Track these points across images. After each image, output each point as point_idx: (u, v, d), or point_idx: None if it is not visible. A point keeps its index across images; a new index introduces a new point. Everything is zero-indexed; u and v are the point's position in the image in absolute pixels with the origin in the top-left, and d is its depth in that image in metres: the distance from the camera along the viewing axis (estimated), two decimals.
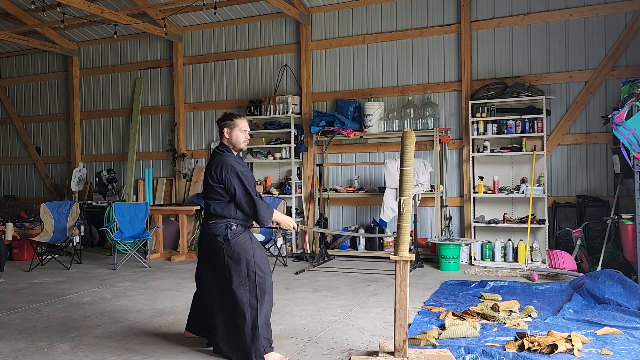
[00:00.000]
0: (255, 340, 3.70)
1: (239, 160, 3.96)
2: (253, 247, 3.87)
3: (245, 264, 3.79)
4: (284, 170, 8.79)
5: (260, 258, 3.85)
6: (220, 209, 3.89)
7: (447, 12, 7.80)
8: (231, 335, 3.82)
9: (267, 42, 8.99)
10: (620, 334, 4.10)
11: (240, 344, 3.77)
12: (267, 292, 3.80)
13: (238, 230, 3.88)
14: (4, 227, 8.38)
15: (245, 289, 3.76)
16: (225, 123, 3.98)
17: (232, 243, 3.82)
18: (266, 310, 3.79)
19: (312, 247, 8.40)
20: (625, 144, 5.38)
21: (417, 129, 7.67)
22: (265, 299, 3.79)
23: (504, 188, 7.35)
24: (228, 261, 3.82)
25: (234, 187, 3.82)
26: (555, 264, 6.44)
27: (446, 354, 3.64)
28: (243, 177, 3.84)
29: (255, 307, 3.74)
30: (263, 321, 3.75)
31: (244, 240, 3.86)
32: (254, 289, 3.76)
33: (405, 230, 3.62)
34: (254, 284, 3.77)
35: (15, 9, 9.47)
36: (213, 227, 3.89)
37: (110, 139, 10.43)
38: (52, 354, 4.03)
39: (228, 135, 3.97)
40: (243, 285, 3.77)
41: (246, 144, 4.05)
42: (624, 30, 6.95)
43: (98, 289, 6.26)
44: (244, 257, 3.80)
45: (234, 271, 3.79)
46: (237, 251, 3.81)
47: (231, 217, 3.88)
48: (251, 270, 3.79)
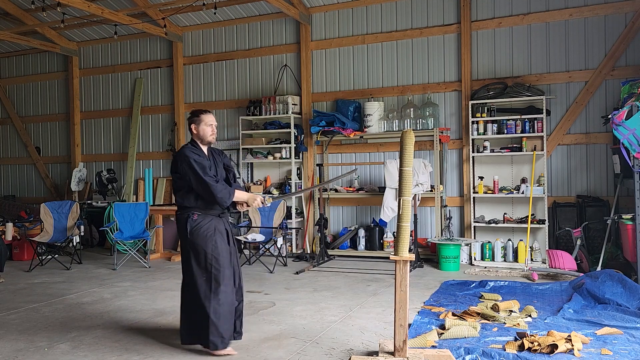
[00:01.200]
0: (209, 331, 3.84)
1: (195, 150, 4.09)
2: (215, 238, 3.98)
3: (203, 255, 3.94)
4: (284, 170, 8.79)
5: (219, 250, 3.96)
6: (181, 199, 4.08)
7: (447, 12, 7.80)
8: (191, 324, 3.97)
9: (267, 42, 8.99)
10: (620, 334, 4.10)
11: (197, 333, 3.92)
12: (222, 284, 3.91)
13: (199, 219, 4.00)
14: (4, 227, 8.38)
15: (202, 280, 3.91)
16: (191, 119, 4.16)
17: (192, 233, 3.97)
18: (223, 302, 3.89)
19: (312, 247, 8.40)
20: (625, 144, 5.38)
21: (417, 129, 7.67)
22: (221, 291, 3.89)
23: (504, 188, 7.35)
24: (189, 251, 3.98)
25: (188, 175, 3.98)
26: (555, 264, 6.44)
27: (446, 354, 3.64)
28: (195, 164, 3.97)
29: (209, 298, 3.87)
30: (219, 313, 3.86)
31: (205, 231, 3.98)
32: (210, 281, 3.90)
33: (405, 230, 3.63)
34: (210, 275, 3.91)
35: (15, 9, 9.47)
36: (178, 218, 4.08)
37: (110, 139, 10.43)
38: (52, 354, 4.03)
39: (195, 131, 4.14)
40: (200, 275, 3.92)
41: (213, 137, 4.18)
42: (624, 30, 6.95)
43: (98, 289, 6.26)
44: (203, 248, 3.95)
45: (194, 261, 3.96)
46: (197, 242, 3.96)
47: (192, 207, 4.03)
48: (208, 262, 3.93)
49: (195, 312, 3.93)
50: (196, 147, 4.13)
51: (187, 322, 4.03)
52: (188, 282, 4.01)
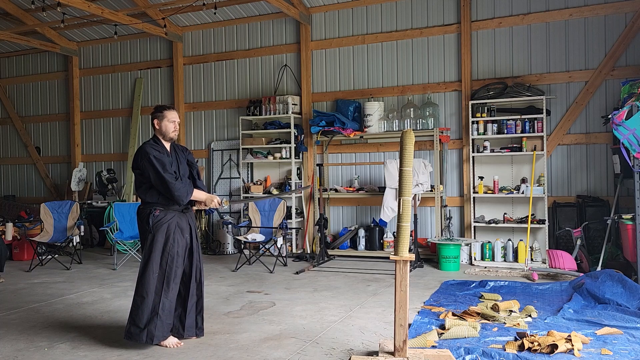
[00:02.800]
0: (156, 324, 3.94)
1: (156, 147, 4.14)
2: (175, 236, 4.06)
3: (160, 252, 4.02)
4: (284, 170, 8.79)
5: (175, 249, 4.05)
6: (143, 195, 4.14)
7: (447, 12, 7.81)
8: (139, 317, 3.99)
9: (267, 42, 8.99)
10: (620, 334, 4.10)
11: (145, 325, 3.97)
12: (173, 282, 4.02)
13: (161, 215, 4.06)
14: (4, 227, 8.38)
15: (155, 275, 3.99)
16: (155, 115, 4.24)
17: (153, 228, 4.04)
18: (170, 299, 4.01)
19: (312, 247, 8.40)
20: (625, 144, 5.38)
21: (417, 129, 7.67)
22: (171, 288, 4.01)
23: (504, 188, 7.35)
24: (148, 245, 4.05)
25: (147, 171, 4.04)
26: (555, 264, 6.44)
27: (446, 354, 3.64)
28: (155, 161, 4.02)
29: (159, 295, 3.98)
30: (166, 307, 3.98)
31: (165, 228, 4.05)
32: (162, 278, 4.00)
33: (405, 230, 3.63)
34: (163, 273, 4.01)
35: (15, 9, 9.47)
36: (140, 212, 4.14)
37: (110, 139, 10.43)
38: (52, 354, 4.03)
39: (158, 126, 4.19)
40: (155, 271, 4.00)
41: (175, 133, 4.24)
42: (624, 30, 6.95)
43: (98, 289, 6.26)
44: (161, 245, 4.03)
45: (151, 256, 4.02)
46: (155, 238, 4.03)
47: (154, 203, 4.09)
48: (164, 260, 4.02)
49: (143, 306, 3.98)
50: (158, 143, 4.18)
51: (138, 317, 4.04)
52: (141, 277, 4.04)
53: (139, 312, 3.99)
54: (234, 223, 8.45)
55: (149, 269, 4.01)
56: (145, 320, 3.97)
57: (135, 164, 4.14)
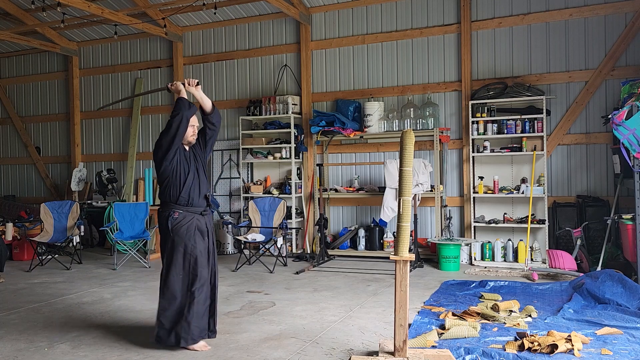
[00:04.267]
0: (183, 327, 3.90)
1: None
2: (195, 237, 4.04)
3: (182, 254, 4.00)
4: (284, 170, 8.79)
5: (197, 250, 4.02)
6: (162, 194, 4.13)
7: (447, 12, 7.80)
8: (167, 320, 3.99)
9: (267, 42, 8.99)
10: (620, 334, 4.10)
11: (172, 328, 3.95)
12: (198, 283, 3.98)
13: (180, 218, 4.05)
14: (4, 227, 8.38)
15: (179, 278, 3.97)
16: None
17: (172, 231, 4.03)
18: (198, 300, 3.96)
19: (312, 247, 8.40)
20: (625, 144, 5.38)
21: (417, 129, 7.67)
22: (197, 289, 3.95)
23: (504, 188, 7.35)
24: (169, 248, 4.03)
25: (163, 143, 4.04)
26: (555, 264, 6.44)
27: (446, 354, 3.64)
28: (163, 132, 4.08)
29: (185, 297, 3.95)
30: (193, 310, 3.93)
31: (185, 230, 4.03)
32: (187, 280, 3.98)
33: (405, 230, 3.63)
34: (188, 275, 3.98)
35: (15, 9, 9.47)
36: (159, 215, 4.14)
37: (110, 139, 10.43)
38: (52, 354, 4.03)
39: None
40: (177, 273, 3.98)
41: (194, 137, 4.28)
42: (624, 30, 6.95)
43: (98, 289, 6.26)
44: (182, 247, 4.00)
45: (173, 259, 4.00)
46: (176, 240, 4.01)
47: (172, 203, 4.07)
48: (186, 261, 4.00)
49: (170, 310, 3.99)
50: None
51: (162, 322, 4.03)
52: (167, 280, 4.03)
53: (166, 314, 3.98)
54: (234, 223, 8.45)
55: (172, 271, 3.99)
56: (172, 322, 3.96)
57: (154, 160, 4.15)
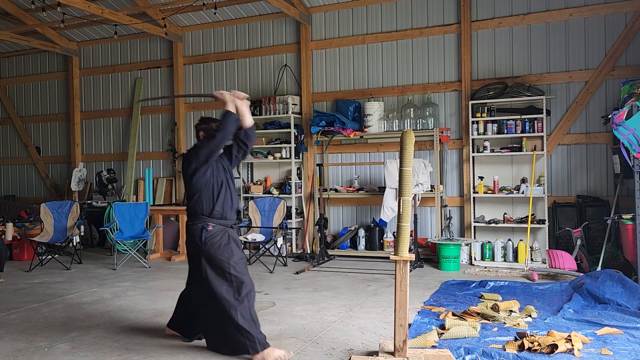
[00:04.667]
0: (247, 336, 3.80)
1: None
2: (230, 247, 3.96)
3: (221, 264, 3.89)
4: (284, 170, 8.79)
5: (236, 258, 3.94)
6: (193, 207, 4.03)
7: (447, 12, 7.80)
8: (223, 334, 3.90)
9: (267, 42, 8.99)
10: (620, 334, 4.10)
11: (234, 342, 3.85)
12: (245, 290, 3.89)
13: (214, 231, 3.95)
14: (4, 227, 8.38)
15: (223, 289, 3.87)
16: (201, 127, 4.17)
17: (207, 244, 3.92)
18: (247, 307, 3.88)
19: (312, 247, 8.40)
20: (625, 144, 5.38)
21: (417, 129, 7.67)
22: (243, 297, 3.87)
23: (504, 188, 7.35)
24: (205, 262, 3.92)
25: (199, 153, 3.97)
26: (555, 264, 6.44)
27: (446, 354, 3.64)
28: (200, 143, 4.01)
29: (234, 306, 3.83)
30: (248, 318, 3.85)
31: (220, 241, 3.94)
32: (231, 288, 3.87)
33: (405, 230, 3.63)
34: (231, 284, 3.88)
35: (15, 9, 9.47)
36: (191, 228, 4.02)
37: (110, 139, 10.43)
38: (52, 354, 4.03)
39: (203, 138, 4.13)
40: (220, 285, 3.87)
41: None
42: (624, 30, 6.95)
43: (98, 289, 6.26)
44: (220, 258, 3.90)
45: (212, 272, 3.90)
46: (213, 253, 3.91)
47: (204, 216, 3.98)
48: (227, 271, 3.89)
49: (222, 324, 3.87)
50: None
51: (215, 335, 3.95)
52: (207, 295, 3.90)
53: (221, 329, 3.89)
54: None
55: (212, 285, 3.87)
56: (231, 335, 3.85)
57: (184, 170, 4.03)
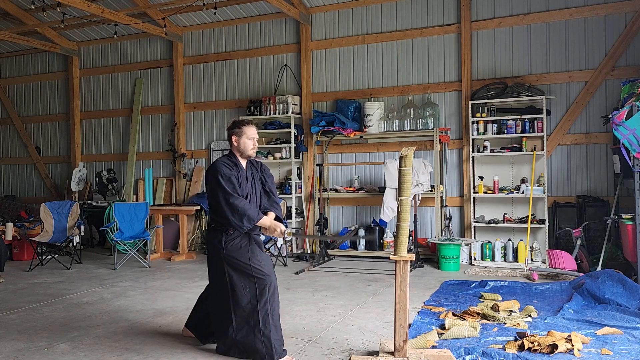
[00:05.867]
0: (264, 342, 3.69)
1: (227, 163, 3.93)
2: (251, 248, 3.85)
3: (242, 267, 3.79)
4: (284, 170, 8.79)
5: (258, 260, 3.83)
6: (214, 214, 3.91)
7: (447, 12, 7.80)
8: (242, 338, 3.78)
9: (267, 42, 8.99)
10: (620, 334, 4.10)
11: (249, 345, 3.76)
12: (268, 293, 3.76)
13: (235, 234, 3.85)
14: (4, 227, 8.38)
15: (246, 292, 3.77)
16: (233, 131, 4.04)
17: (228, 248, 3.82)
18: (270, 311, 3.75)
19: (312, 247, 8.40)
20: (625, 144, 5.38)
21: (417, 129, 7.67)
22: (266, 300, 3.74)
23: (504, 188, 7.35)
24: (226, 266, 3.83)
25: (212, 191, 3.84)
26: (555, 264, 6.44)
27: (446, 354, 3.64)
28: (223, 179, 3.79)
29: (257, 309, 3.72)
30: (269, 322, 3.72)
31: (241, 244, 3.84)
32: (254, 291, 3.75)
33: (404, 230, 3.63)
34: (254, 286, 3.76)
35: (15, 9, 9.47)
36: (211, 232, 3.94)
37: (110, 139, 10.43)
38: (52, 354, 4.03)
39: (236, 143, 4.02)
40: (244, 287, 3.77)
41: (254, 150, 4.08)
42: (624, 30, 6.95)
43: (98, 289, 6.26)
44: (241, 260, 3.80)
45: (234, 275, 3.80)
46: (233, 255, 3.81)
47: (226, 223, 3.83)
48: (249, 273, 3.78)
49: (241, 326, 3.78)
50: (231, 160, 3.99)
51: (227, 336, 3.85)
52: (228, 296, 3.82)
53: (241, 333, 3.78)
54: None
55: (237, 287, 3.78)
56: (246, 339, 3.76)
57: (206, 182, 3.93)
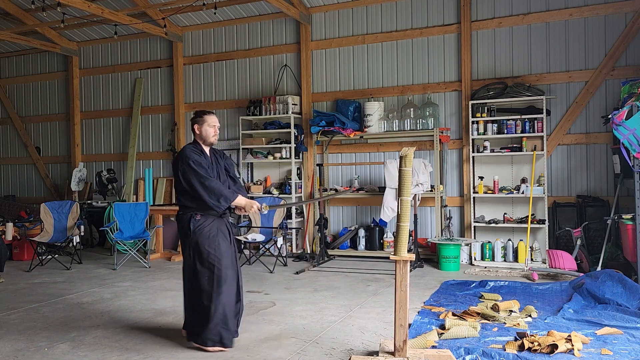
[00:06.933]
0: (209, 329, 3.90)
1: (196, 150, 4.13)
2: (218, 239, 4.03)
3: (206, 254, 3.98)
4: (284, 170, 8.79)
5: (221, 250, 4.01)
6: (184, 200, 4.10)
7: (447, 12, 7.80)
8: (194, 321, 4.02)
9: (267, 42, 8.99)
10: (620, 334, 4.10)
11: (199, 329, 3.97)
12: (225, 284, 3.96)
13: (202, 220, 4.04)
14: (4, 227, 8.38)
15: (205, 279, 3.96)
16: (195, 120, 4.24)
17: (195, 233, 4.01)
18: (224, 302, 3.94)
19: (312, 247, 8.40)
20: (625, 144, 5.38)
21: (417, 129, 7.67)
22: (223, 291, 3.94)
23: (504, 188, 7.35)
24: (192, 251, 4.02)
25: (188, 175, 4.00)
26: (555, 264, 6.44)
27: (446, 354, 3.64)
28: (195, 165, 4.00)
29: (211, 297, 3.92)
30: (220, 312, 3.92)
31: (208, 232, 4.03)
32: (212, 280, 3.95)
33: (404, 230, 3.63)
34: (212, 275, 3.96)
35: (15, 9, 9.47)
36: (180, 218, 4.12)
37: (110, 139, 10.43)
38: (52, 354, 4.03)
39: (198, 131, 4.22)
40: (202, 275, 3.97)
41: (216, 138, 4.24)
42: (624, 30, 6.95)
43: (98, 289, 6.26)
44: (205, 248, 3.99)
45: (197, 261, 4.00)
46: (199, 242, 4.00)
47: (194, 208, 4.06)
48: (211, 262, 3.97)
49: (197, 311, 4.00)
50: (197, 147, 4.18)
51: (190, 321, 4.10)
52: (191, 282, 4.05)
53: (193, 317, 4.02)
54: (234, 223, 8.45)
55: (195, 273, 3.99)
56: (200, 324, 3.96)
57: (175, 168, 4.11)
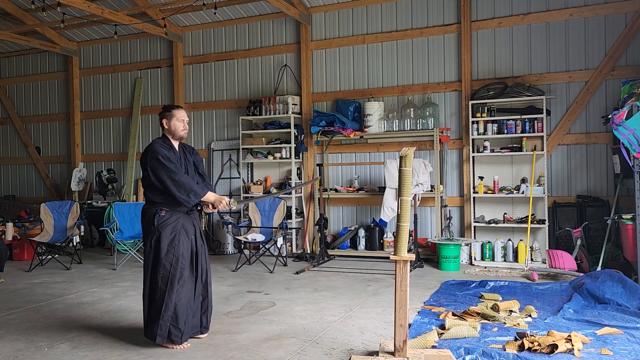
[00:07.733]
0: (159, 325, 3.93)
1: (164, 145, 4.13)
2: (179, 238, 4.04)
3: (164, 252, 4.00)
4: (284, 170, 8.79)
5: (180, 250, 4.03)
6: (150, 195, 4.12)
7: (447, 12, 7.81)
8: (147, 315, 4.06)
9: (267, 42, 8.99)
10: (620, 334, 4.10)
11: (150, 324, 4.02)
12: (178, 284, 3.98)
13: (167, 216, 4.06)
14: (4, 227, 8.38)
15: (159, 276, 3.98)
16: (163, 115, 4.24)
17: (157, 229, 4.03)
18: (176, 300, 3.96)
19: (312, 247, 8.40)
20: (626, 144, 5.38)
21: (417, 129, 7.67)
22: (176, 290, 3.97)
23: (504, 188, 7.35)
24: (152, 247, 4.04)
25: (156, 170, 4.01)
26: (555, 264, 6.44)
27: (446, 354, 3.63)
28: (164, 160, 4.01)
29: (164, 294, 3.95)
30: (171, 310, 3.94)
31: (170, 230, 4.04)
32: (166, 278, 3.98)
33: (404, 230, 3.63)
34: (168, 273, 3.98)
35: (15, 9, 9.47)
36: (145, 212, 4.14)
37: (110, 139, 10.43)
38: (52, 354, 4.03)
39: (167, 126, 4.22)
40: (158, 272, 3.99)
41: (185, 132, 4.25)
42: (624, 30, 6.95)
43: (98, 289, 6.26)
44: (165, 246, 4.01)
45: (155, 257, 4.03)
46: (160, 238, 4.02)
47: (160, 203, 4.08)
48: (167, 260, 4.00)
49: (150, 306, 4.03)
50: (166, 142, 4.18)
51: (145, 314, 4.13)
52: (146, 277, 4.08)
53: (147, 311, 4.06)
54: (234, 223, 8.45)
55: (153, 269, 4.03)
56: (152, 319, 4.01)
57: (143, 163, 4.11)
